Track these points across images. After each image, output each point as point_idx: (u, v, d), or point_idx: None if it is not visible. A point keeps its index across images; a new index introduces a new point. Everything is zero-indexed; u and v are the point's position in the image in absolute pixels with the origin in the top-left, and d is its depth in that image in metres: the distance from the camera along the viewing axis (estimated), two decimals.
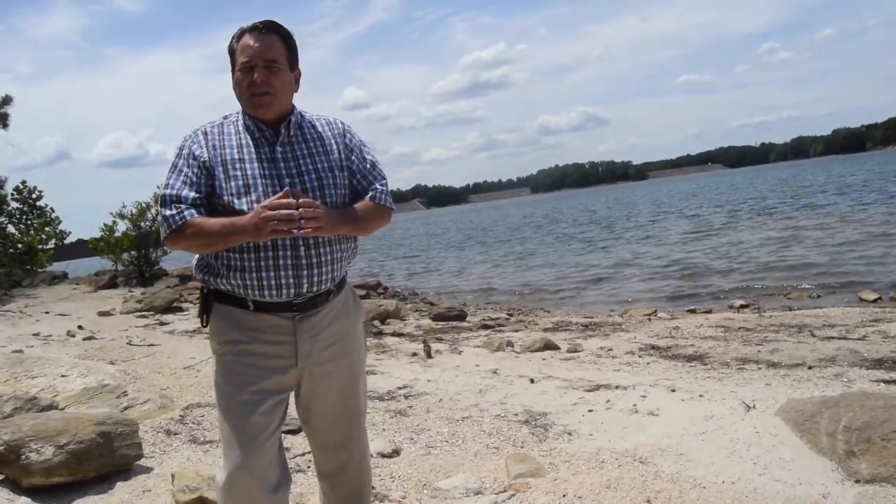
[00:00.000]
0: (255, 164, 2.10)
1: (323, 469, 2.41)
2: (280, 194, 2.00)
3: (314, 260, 2.11)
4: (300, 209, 1.97)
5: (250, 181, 2.07)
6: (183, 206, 2.04)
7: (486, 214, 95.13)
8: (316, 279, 2.12)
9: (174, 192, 2.06)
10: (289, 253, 2.08)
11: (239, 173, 2.08)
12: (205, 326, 2.21)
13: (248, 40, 2.09)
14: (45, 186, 21.62)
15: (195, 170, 2.08)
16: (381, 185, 2.29)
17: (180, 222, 2.03)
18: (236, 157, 2.11)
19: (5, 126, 18.61)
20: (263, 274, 2.06)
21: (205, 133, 2.15)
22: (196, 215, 2.04)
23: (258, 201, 2.03)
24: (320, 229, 2.02)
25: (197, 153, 2.11)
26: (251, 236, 1.98)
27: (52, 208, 20.60)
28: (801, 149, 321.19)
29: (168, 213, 2.04)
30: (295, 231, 1.97)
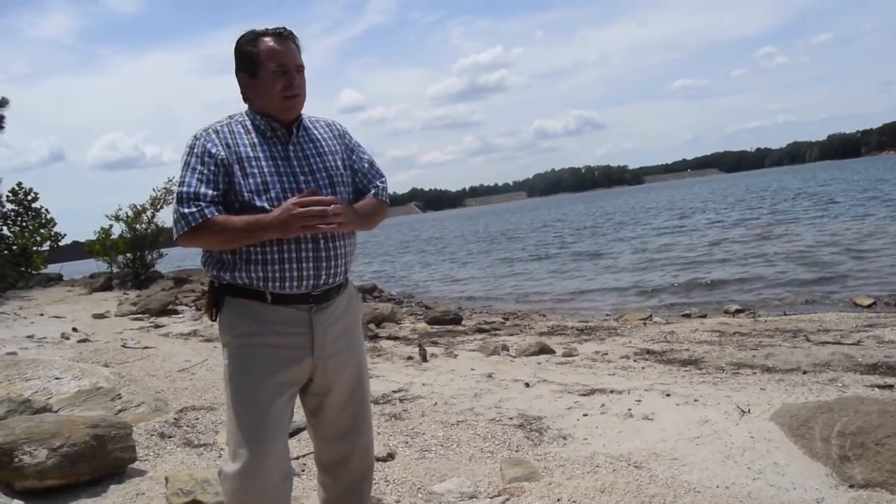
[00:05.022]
0: (270, 163, 2.15)
1: (327, 460, 2.42)
2: (307, 192, 2.09)
3: (332, 252, 2.19)
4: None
5: (267, 178, 2.13)
6: (203, 204, 2.06)
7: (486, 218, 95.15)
8: (333, 271, 2.20)
9: (192, 189, 2.08)
10: (310, 245, 2.14)
11: (256, 171, 2.13)
12: (213, 320, 2.23)
13: (277, 45, 2.16)
14: (39, 188, 21.56)
15: (211, 167, 2.11)
16: (382, 182, 2.42)
17: (200, 220, 2.05)
18: (251, 154, 2.15)
19: (0, 128, 18.55)
20: (287, 266, 2.12)
21: (216, 131, 2.17)
22: (216, 213, 2.06)
23: (277, 199, 2.10)
24: (344, 225, 2.13)
25: (213, 151, 2.12)
26: (278, 232, 2.05)
27: (46, 210, 20.59)
28: (796, 154, 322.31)
29: (187, 210, 2.05)
30: (324, 226, 2.06)
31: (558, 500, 3.12)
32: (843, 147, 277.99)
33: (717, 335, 7.35)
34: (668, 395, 4.75)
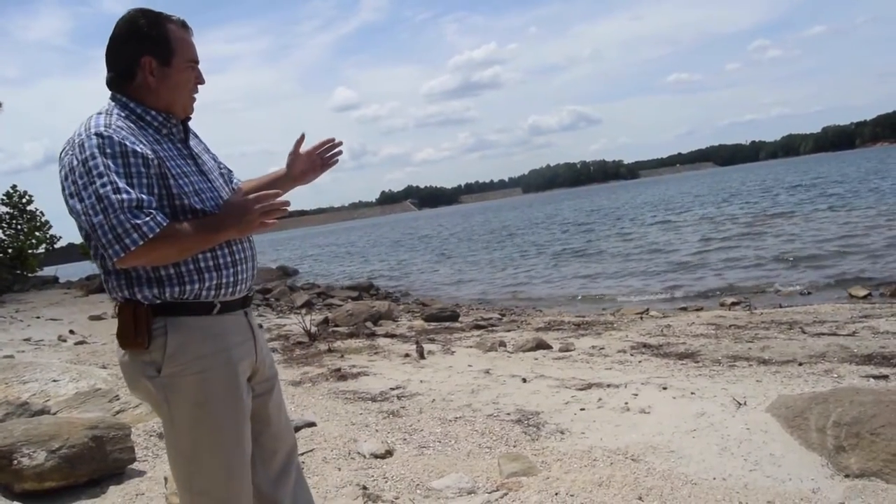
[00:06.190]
0: (182, 161, 1.94)
1: (272, 471, 2.14)
2: (270, 190, 1.93)
3: (256, 251, 2.09)
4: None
5: (192, 178, 1.93)
6: (153, 212, 1.74)
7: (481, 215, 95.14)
8: (256, 270, 2.10)
9: (132, 195, 1.72)
10: (247, 245, 2.03)
11: (180, 171, 1.90)
12: (146, 348, 1.85)
13: (187, 36, 1.99)
14: (34, 191, 21.50)
15: (141, 169, 1.78)
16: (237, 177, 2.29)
17: (158, 230, 1.72)
18: (169, 154, 1.91)
19: None
20: (240, 268, 1.97)
21: (121, 127, 1.83)
22: (167, 220, 1.77)
23: (210, 199, 1.94)
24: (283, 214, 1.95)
25: (138, 150, 1.79)
26: (236, 232, 1.88)
27: (41, 213, 20.54)
28: (791, 146, 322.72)
29: (139, 220, 1.71)
30: (275, 220, 1.89)
31: (556, 493, 3.14)
32: (838, 139, 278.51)
33: (713, 328, 7.37)
34: (664, 388, 4.77)
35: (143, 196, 1.75)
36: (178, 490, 2.00)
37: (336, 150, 2.35)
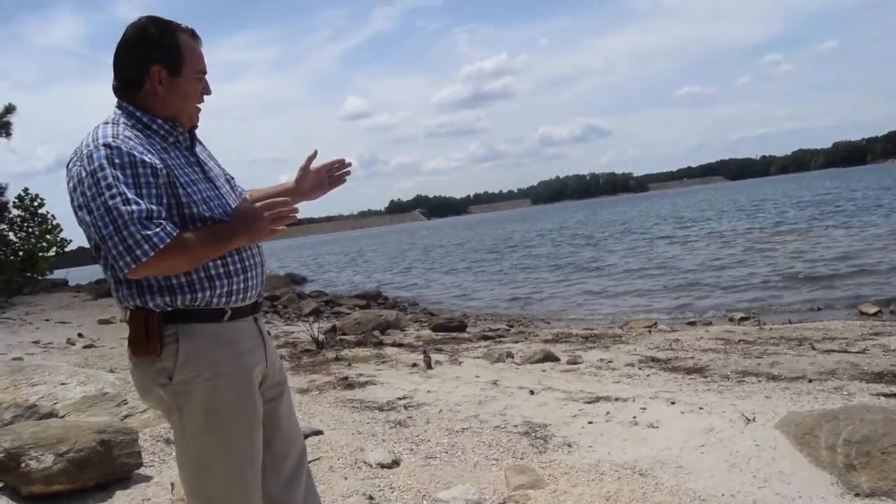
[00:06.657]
0: (190, 170, 1.95)
1: (282, 476, 2.12)
2: (279, 197, 1.93)
3: (265, 257, 2.10)
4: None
5: (200, 186, 1.93)
6: (162, 222, 1.75)
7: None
8: (265, 277, 2.10)
9: (141, 206, 1.72)
10: (256, 251, 2.03)
11: (189, 179, 1.91)
12: (159, 355, 1.85)
13: (197, 46, 2.00)
14: (45, 194, 21.68)
15: (150, 179, 1.78)
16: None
17: (167, 240, 1.72)
18: (177, 162, 1.91)
19: (8, 135, 18.67)
20: (250, 274, 1.98)
21: (128, 137, 1.83)
22: (177, 230, 1.77)
23: (219, 206, 1.94)
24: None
25: (146, 159, 1.79)
26: (246, 240, 1.88)
27: (53, 216, 20.66)
28: (801, 161, 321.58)
29: (150, 231, 1.71)
30: (285, 226, 1.89)
31: None
32: (849, 155, 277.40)
33: (722, 343, 7.34)
34: (673, 402, 4.75)
35: (153, 206, 1.75)
36: (185, 496, 2.00)
37: (344, 170, 2.38)
